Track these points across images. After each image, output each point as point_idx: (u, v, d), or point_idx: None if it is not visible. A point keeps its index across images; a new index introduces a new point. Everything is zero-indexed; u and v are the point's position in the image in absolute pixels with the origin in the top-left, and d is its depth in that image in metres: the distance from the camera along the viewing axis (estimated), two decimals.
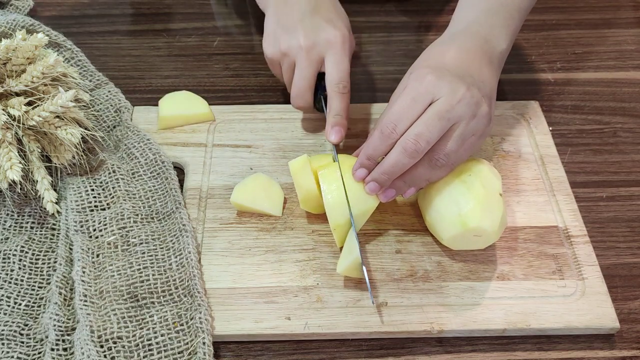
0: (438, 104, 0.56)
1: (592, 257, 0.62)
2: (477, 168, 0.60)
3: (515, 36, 0.65)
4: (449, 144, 0.56)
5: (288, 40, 0.67)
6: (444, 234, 0.59)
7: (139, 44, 0.85)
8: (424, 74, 0.57)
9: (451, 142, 0.56)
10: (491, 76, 0.60)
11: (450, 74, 0.57)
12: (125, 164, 0.68)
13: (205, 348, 0.55)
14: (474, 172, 0.60)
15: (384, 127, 0.57)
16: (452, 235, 0.59)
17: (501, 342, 0.58)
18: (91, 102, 0.73)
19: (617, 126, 0.76)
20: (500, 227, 0.58)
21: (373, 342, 0.58)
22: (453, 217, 0.58)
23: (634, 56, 0.85)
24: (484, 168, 0.60)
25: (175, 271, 0.60)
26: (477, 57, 0.60)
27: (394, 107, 0.57)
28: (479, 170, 0.60)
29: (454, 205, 0.58)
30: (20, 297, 0.59)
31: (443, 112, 0.55)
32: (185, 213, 0.64)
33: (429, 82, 0.56)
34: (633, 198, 0.69)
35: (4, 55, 0.62)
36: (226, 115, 0.74)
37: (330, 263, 0.61)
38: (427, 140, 0.55)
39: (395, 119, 0.56)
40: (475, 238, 0.59)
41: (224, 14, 0.90)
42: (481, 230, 0.57)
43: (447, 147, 0.56)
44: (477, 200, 0.57)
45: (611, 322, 0.58)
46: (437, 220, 0.60)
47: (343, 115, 0.66)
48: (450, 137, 0.56)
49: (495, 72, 0.61)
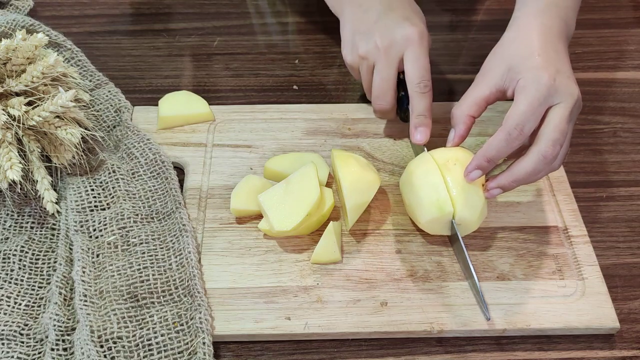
0: (562, 108, 0.57)
1: (592, 257, 0.62)
2: (464, 158, 0.60)
3: None
4: (566, 143, 0.59)
5: (365, 44, 0.66)
6: (422, 217, 0.60)
7: (139, 44, 0.85)
8: (541, 75, 0.57)
9: (567, 141, 0.59)
10: (568, 59, 0.61)
11: (561, 73, 0.58)
12: (125, 164, 0.68)
13: (205, 348, 0.55)
14: (460, 161, 0.60)
15: (511, 129, 0.56)
16: (429, 219, 0.59)
17: (501, 342, 0.58)
18: (91, 102, 0.73)
19: (617, 126, 0.76)
20: (480, 217, 0.59)
21: (373, 342, 0.58)
22: (432, 202, 0.59)
23: (634, 56, 0.85)
24: (470, 156, 0.61)
25: (175, 271, 0.60)
26: (561, 41, 0.61)
27: (519, 109, 0.56)
28: (465, 160, 0.60)
29: (434, 192, 0.59)
30: (20, 297, 0.59)
31: (568, 115, 0.57)
32: (185, 213, 0.64)
33: (548, 85, 0.56)
34: (633, 198, 0.69)
35: (4, 55, 0.62)
36: (226, 115, 0.74)
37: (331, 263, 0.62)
38: (560, 144, 0.57)
39: (522, 120, 0.56)
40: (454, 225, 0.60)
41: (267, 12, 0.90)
42: (461, 218, 0.58)
43: (565, 146, 0.59)
44: (459, 188, 0.58)
45: (611, 322, 0.58)
46: (416, 205, 0.60)
47: (426, 115, 0.65)
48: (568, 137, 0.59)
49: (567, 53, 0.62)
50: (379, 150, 0.71)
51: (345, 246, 0.63)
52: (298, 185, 0.61)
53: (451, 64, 0.82)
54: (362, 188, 0.61)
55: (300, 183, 0.61)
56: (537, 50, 0.59)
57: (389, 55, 0.65)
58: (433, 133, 0.66)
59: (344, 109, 0.75)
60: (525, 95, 0.57)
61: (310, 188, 0.61)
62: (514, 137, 0.56)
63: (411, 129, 0.66)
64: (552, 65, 0.58)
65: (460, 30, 0.88)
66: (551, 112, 0.57)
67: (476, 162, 0.58)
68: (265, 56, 0.84)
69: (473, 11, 0.91)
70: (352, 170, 0.62)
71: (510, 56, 0.60)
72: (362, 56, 0.67)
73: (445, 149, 0.63)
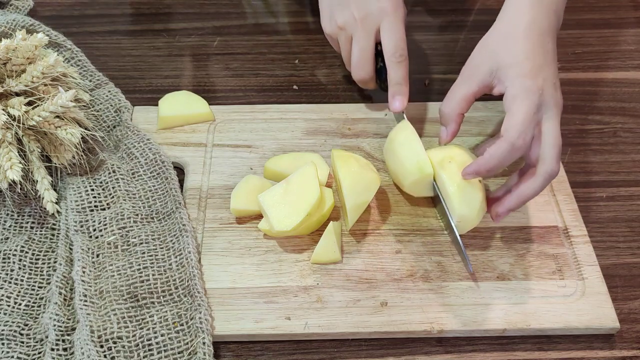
0: (552, 121, 0.58)
1: (592, 257, 0.62)
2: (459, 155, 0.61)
3: None
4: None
5: (342, 15, 0.68)
6: (405, 180, 0.62)
7: (139, 44, 0.85)
8: (530, 86, 0.58)
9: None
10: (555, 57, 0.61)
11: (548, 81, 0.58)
12: (125, 164, 0.68)
13: (205, 348, 0.55)
14: (454, 159, 0.61)
15: (515, 140, 0.56)
16: (412, 181, 0.62)
17: (501, 342, 0.58)
18: (91, 102, 0.73)
19: (617, 126, 0.76)
20: (479, 212, 0.60)
21: (373, 342, 0.58)
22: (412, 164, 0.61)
23: (634, 56, 0.85)
24: (465, 153, 0.62)
25: (175, 271, 0.60)
26: (550, 37, 0.61)
27: (517, 119, 0.57)
28: (460, 157, 0.61)
29: (414, 155, 0.61)
30: (20, 297, 0.59)
31: (558, 127, 0.58)
32: (185, 213, 0.64)
33: (538, 95, 0.57)
34: (633, 198, 0.69)
35: (4, 55, 0.62)
36: (226, 115, 0.74)
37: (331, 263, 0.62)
38: (560, 157, 0.58)
39: (524, 129, 0.57)
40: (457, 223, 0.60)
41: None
42: (460, 215, 0.59)
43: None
44: (456, 186, 0.59)
45: (611, 322, 0.58)
46: (399, 169, 0.63)
47: (403, 83, 0.68)
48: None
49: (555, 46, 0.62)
50: (379, 150, 0.71)
51: (345, 246, 0.63)
52: (298, 185, 0.61)
53: (450, 64, 0.82)
54: (362, 188, 0.61)
55: (300, 183, 0.61)
56: (525, 53, 0.59)
57: (365, 26, 0.68)
58: (432, 133, 0.67)
59: (344, 109, 0.75)
60: (518, 106, 0.57)
61: (310, 188, 0.61)
62: (517, 147, 0.57)
63: (389, 98, 0.68)
64: (540, 74, 0.58)
65: (460, 31, 0.88)
66: (544, 127, 0.58)
67: (475, 169, 0.58)
68: (265, 56, 0.84)
69: (473, 11, 0.91)
70: (352, 170, 0.62)
71: (498, 54, 0.60)
72: (340, 27, 0.69)
73: (440, 147, 0.64)
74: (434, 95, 0.78)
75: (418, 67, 0.81)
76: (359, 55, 0.69)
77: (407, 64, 0.68)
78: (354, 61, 0.70)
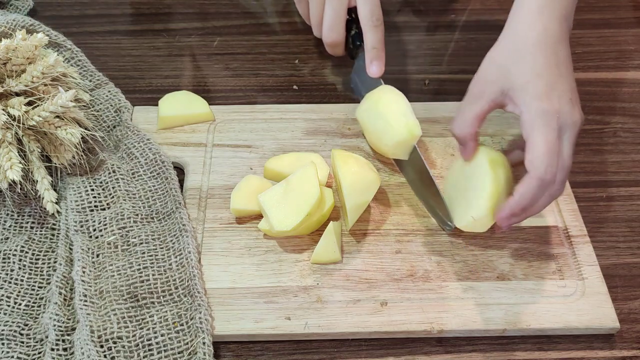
0: (569, 139, 0.55)
1: (592, 257, 0.62)
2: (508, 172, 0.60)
3: None
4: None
5: None
6: (390, 140, 0.64)
7: (139, 44, 0.85)
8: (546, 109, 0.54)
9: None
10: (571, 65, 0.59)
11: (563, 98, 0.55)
12: (125, 164, 0.68)
13: (205, 348, 0.55)
14: (505, 167, 0.60)
15: (543, 175, 0.54)
16: (398, 141, 0.63)
17: (501, 342, 0.58)
18: (91, 102, 0.73)
19: (617, 126, 0.76)
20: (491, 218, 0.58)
21: (373, 342, 0.58)
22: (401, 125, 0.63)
23: (634, 56, 0.85)
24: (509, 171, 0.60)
25: (175, 271, 0.60)
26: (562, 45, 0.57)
27: (541, 151, 0.54)
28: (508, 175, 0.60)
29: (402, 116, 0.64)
30: (20, 297, 0.59)
31: (574, 144, 0.56)
32: (185, 213, 0.64)
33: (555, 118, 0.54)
34: (633, 198, 0.69)
35: (4, 55, 0.62)
36: (226, 115, 0.74)
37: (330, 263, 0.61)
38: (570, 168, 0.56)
39: (549, 163, 0.54)
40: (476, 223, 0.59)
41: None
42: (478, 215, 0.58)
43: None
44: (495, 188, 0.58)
45: (611, 322, 0.58)
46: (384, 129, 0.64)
47: (380, 48, 0.69)
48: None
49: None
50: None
51: (345, 246, 0.63)
52: (298, 185, 0.61)
53: (450, 64, 0.82)
54: (362, 188, 0.61)
55: (300, 183, 0.61)
56: (538, 70, 0.56)
57: None
58: (432, 133, 0.66)
59: (344, 109, 0.75)
60: (538, 134, 0.54)
61: (310, 188, 0.61)
62: (547, 181, 0.54)
63: (367, 63, 0.69)
64: (554, 92, 0.55)
65: (460, 30, 0.88)
66: (561, 144, 0.55)
67: (509, 213, 0.55)
68: (265, 56, 0.84)
69: (473, 11, 0.91)
70: (352, 170, 0.62)
71: (509, 71, 0.57)
72: None
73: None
74: (434, 95, 0.78)
75: (418, 67, 0.82)
76: (332, 16, 0.69)
77: (383, 29, 0.69)
78: (327, 23, 0.70)
